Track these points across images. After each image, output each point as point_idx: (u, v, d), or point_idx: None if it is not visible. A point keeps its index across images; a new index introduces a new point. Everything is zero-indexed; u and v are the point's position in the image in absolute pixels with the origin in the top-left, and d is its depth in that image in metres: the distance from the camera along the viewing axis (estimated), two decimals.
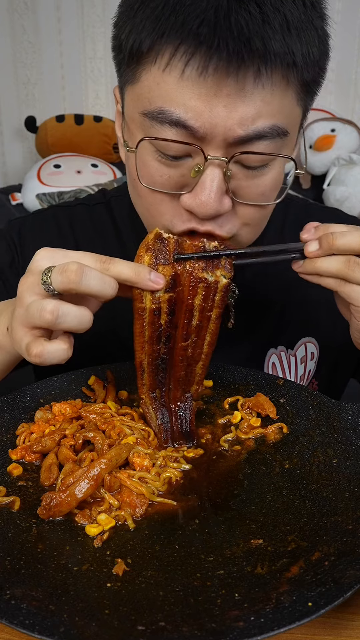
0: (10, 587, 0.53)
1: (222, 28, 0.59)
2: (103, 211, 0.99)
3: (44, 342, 0.63)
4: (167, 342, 0.72)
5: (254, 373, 0.85)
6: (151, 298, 0.68)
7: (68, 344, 0.64)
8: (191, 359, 0.74)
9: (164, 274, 0.67)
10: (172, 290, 0.68)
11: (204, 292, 0.69)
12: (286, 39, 0.62)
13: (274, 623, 0.48)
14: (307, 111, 0.73)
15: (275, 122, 0.65)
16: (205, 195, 0.67)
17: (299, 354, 0.95)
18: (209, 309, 0.70)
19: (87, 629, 0.49)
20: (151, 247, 0.67)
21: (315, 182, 2.73)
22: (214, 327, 0.72)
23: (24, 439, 0.73)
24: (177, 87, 0.63)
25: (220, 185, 0.67)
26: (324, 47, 0.68)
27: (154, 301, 0.68)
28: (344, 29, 2.76)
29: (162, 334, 0.71)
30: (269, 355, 0.94)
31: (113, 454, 0.66)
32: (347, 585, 0.51)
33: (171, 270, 0.68)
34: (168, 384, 0.75)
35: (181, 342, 0.72)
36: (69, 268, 0.60)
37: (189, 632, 0.49)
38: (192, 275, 0.68)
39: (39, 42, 2.87)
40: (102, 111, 2.98)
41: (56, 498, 0.62)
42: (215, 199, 0.67)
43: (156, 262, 0.67)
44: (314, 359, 0.96)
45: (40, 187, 2.58)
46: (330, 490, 0.65)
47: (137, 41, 0.65)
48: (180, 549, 0.59)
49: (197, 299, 0.69)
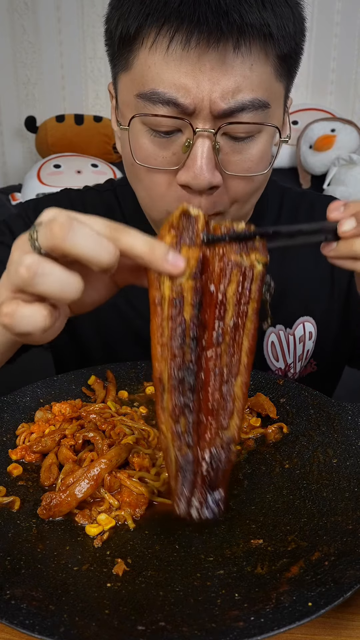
0: (10, 587, 0.53)
1: (201, 4, 0.64)
2: (112, 197, 1.00)
3: (20, 303, 0.52)
4: (194, 347, 0.55)
5: (254, 373, 0.85)
6: (170, 285, 0.55)
7: (48, 311, 0.52)
8: (228, 371, 0.56)
9: (190, 256, 0.55)
10: (198, 278, 0.55)
11: (238, 280, 0.56)
12: (261, 12, 0.66)
13: (274, 623, 0.48)
14: (289, 91, 0.76)
15: (256, 95, 0.68)
16: (197, 167, 0.68)
17: (297, 334, 0.94)
18: (245, 302, 0.56)
19: (87, 629, 0.49)
20: (175, 225, 0.55)
21: (315, 182, 2.73)
22: (252, 328, 0.57)
23: (24, 439, 0.73)
24: (164, 64, 0.67)
25: (210, 156, 0.69)
26: (300, 25, 0.72)
27: (174, 289, 0.55)
28: (344, 29, 2.77)
29: (186, 334, 0.55)
30: (268, 334, 0.94)
31: (113, 454, 0.66)
32: (347, 585, 0.51)
33: (198, 252, 0.55)
34: (197, 411, 0.56)
35: (213, 347, 0.56)
36: (57, 220, 0.50)
37: (189, 632, 0.49)
38: (224, 258, 0.56)
39: (39, 42, 2.88)
40: (102, 111, 2.98)
41: (56, 498, 0.62)
42: (207, 169, 0.68)
43: (180, 243, 0.55)
44: (312, 339, 0.95)
45: (40, 187, 2.58)
46: (330, 490, 0.65)
47: (125, 27, 0.68)
48: (180, 549, 0.59)
49: (230, 289, 0.56)
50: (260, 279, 0.57)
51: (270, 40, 0.67)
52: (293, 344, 0.94)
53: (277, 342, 0.94)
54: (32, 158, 3.07)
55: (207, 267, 0.56)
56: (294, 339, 0.94)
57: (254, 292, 0.57)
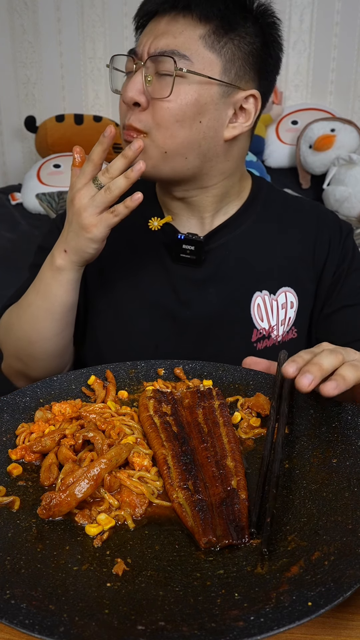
0: (10, 587, 0.53)
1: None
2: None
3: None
4: (186, 444, 0.72)
5: (253, 373, 0.85)
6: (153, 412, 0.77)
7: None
8: (219, 455, 0.71)
9: (166, 410, 0.78)
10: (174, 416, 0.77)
11: (203, 411, 0.78)
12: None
13: (274, 623, 0.48)
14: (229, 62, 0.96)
15: (174, 48, 0.93)
16: (126, 86, 0.95)
17: (280, 300, 1.07)
18: (212, 420, 0.76)
19: (86, 629, 0.49)
20: (152, 395, 0.80)
21: (315, 182, 2.73)
22: (227, 431, 0.74)
23: (23, 439, 0.73)
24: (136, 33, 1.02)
25: (138, 80, 0.94)
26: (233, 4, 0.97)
27: (159, 414, 0.77)
28: (344, 29, 2.76)
29: (178, 438, 0.73)
30: (255, 296, 1.06)
31: (113, 454, 0.66)
32: (347, 585, 0.51)
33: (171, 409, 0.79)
34: (202, 480, 0.67)
35: (200, 445, 0.72)
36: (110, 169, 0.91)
37: (189, 632, 0.49)
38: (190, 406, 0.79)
39: (39, 42, 2.87)
40: (101, 111, 2.98)
41: (56, 498, 0.62)
42: (131, 89, 0.94)
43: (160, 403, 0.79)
44: (293, 308, 1.08)
45: (40, 187, 2.58)
46: (330, 490, 0.65)
47: (142, 17, 1.01)
48: (180, 549, 0.59)
49: (199, 418, 0.77)
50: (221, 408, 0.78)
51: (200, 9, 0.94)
52: (276, 308, 1.07)
53: (262, 305, 1.07)
54: (31, 158, 3.07)
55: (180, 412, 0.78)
56: (277, 304, 1.07)
57: (218, 416, 0.77)
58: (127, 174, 0.90)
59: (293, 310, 1.08)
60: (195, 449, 0.72)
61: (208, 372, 0.87)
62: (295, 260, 1.09)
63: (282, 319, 1.07)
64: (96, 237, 0.92)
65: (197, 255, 1.04)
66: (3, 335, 1.07)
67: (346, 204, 2.51)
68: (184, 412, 0.79)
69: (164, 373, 0.87)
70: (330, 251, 1.08)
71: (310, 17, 2.78)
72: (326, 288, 1.09)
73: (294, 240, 1.09)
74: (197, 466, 0.69)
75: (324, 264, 1.08)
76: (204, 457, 0.70)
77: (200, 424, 0.76)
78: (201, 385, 0.84)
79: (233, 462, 0.69)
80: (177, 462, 0.69)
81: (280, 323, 1.07)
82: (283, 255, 1.09)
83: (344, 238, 1.11)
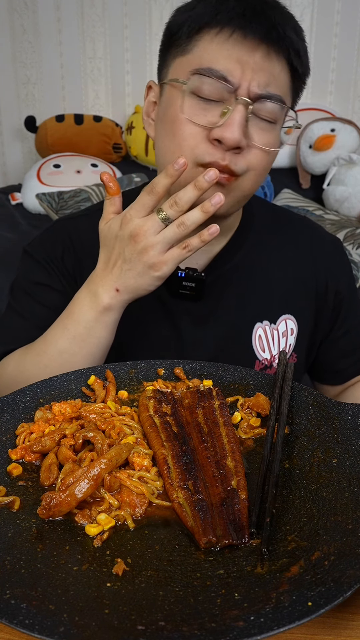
0: (10, 587, 0.53)
1: (259, 15, 0.86)
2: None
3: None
4: (186, 444, 0.72)
5: (253, 373, 0.85)
6: (153, 412, 0.77)
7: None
8: (219, 455, 0.71)
9: (166, 410, 0.78)
10: (174, 415, 0.77)
11: (203, 411, 0.78)
12: (296, 35, 0.89)
13: (274, 623, 0.48)
14: (295, 103, 0.97)
15: (278, 92, 0.89)
16: (233, 127, 0.86)
17: (280, 329, 1.07)
18: (212, 420, 0.76)
19: (86, 629, 0.49)
20: (152, 395, 0.80)
21: (315, 182, 2.73)
22: (227, 431, 0.74)
23: (23, 439, 0.73)
24: (222, 50, 0.87)
25: (243, 121, 0.87)
26: (307, 57, 0.94)
27: (159, 414, 0.76)
28: (344, 29, 2.77)
29: (178, 438, 0.73)
30: (256, 328, 1.06)
31: (113, 454, 0.66)
32: (347, 585, 0.51)
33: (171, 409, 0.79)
34: (202, 480, 0.67)
35: (200, 445, 0.72)
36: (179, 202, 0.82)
37: (188, 632, 0.49)
38: (190, 406, 0.79)
39: (39, 42, 2.88)
40: (101, 111, 2.98)
41: (56, 498, 0.62)
42: (239, 131, 0.86)
43: (160, 403, 0.79)
44: (293, 335, 1.08)
45: (40, 186, 2.58)
46: (330, 490, 0.65)
47: (196, 21, 0.88)
48: (180, 549, 0.59)
49: (199, 418, 0.77)
50: (221, 409, 0.77)
51: (295, 58, 0.89)
52: (277, 337, 1.07)
53: (264, 336, 1.06)
54: (31, 158, 3.07)
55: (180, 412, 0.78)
56: (278, 334, 1.07)
57: (218, 416, 0.76)
58: (205, 208, 0.81)
59: (293, 337, 1.07)
60: (195, 449, 0.72)
61: (208, 372, 0.87)
62: (292, 282, 1.08)
63: (282, 347, 1.06)
64: (165, 275, 0.84)
65: (197, 291, 1.00)
66: (6, 383, 0.97)
67: (346, 204, 2.51)
68: (184, 412, 0.79)
69: (164, 373, 0.87)
70: (331, 274, 1.09)
71: (310, 17, 2.79)
72: (330, 311, 1.09)
73: (289, 257, 1.08)
74: (197, 466, 0.69)
75: (326, 287, 1.09)
76: (204, 457, 0.71)
77: (200, 424, 0.76)
78: (201, 385, 0.84)
79: (233, 462, 0.70)
80: (177, 462, 0.69)
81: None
82: (281, 278, 1.07)
83: (340, 255, 1.13)
